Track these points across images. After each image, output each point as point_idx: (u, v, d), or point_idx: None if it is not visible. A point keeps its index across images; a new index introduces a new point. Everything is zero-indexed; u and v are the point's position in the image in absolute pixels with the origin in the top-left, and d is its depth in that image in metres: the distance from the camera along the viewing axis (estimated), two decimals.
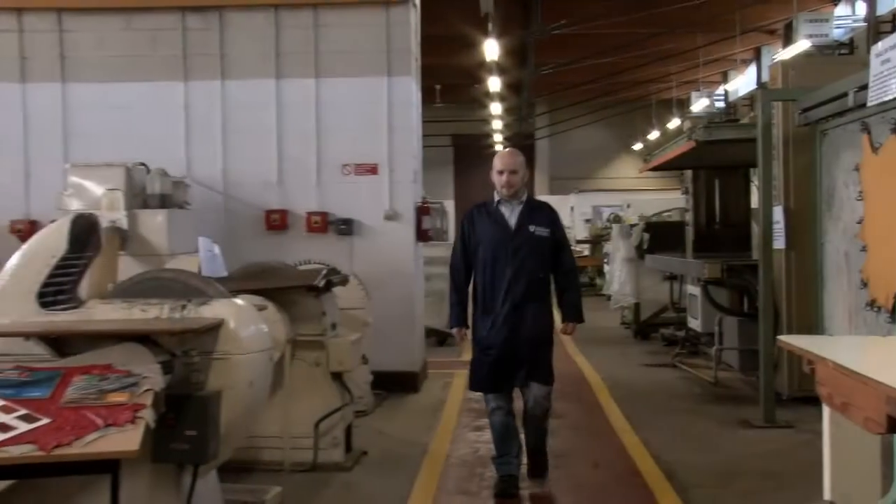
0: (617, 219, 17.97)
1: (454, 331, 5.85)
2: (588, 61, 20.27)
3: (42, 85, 8.93)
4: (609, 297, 14.24)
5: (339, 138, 8.91)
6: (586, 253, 21.71)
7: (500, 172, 5.68)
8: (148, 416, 3.56)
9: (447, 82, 23.08)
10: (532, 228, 5.63)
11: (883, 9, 16.82)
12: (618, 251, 13.43)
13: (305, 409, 6.12)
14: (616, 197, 23.72)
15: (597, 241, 21.27)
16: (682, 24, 18.38)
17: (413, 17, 9.19)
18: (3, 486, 3.99)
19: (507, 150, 6.05)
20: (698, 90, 25.30)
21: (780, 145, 7.76)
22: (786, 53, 15.86)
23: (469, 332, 5.79)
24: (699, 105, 24.54)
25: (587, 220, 24.51)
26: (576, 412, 8.04)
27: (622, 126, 30.41)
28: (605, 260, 16.04)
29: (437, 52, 13.99)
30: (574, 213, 27.11)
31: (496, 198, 5.77)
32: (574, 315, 5.84)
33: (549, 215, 5.82)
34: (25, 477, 3.78)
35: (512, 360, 5.55)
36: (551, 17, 17.09)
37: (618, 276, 13.22)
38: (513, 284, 5.53)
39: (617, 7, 16.71)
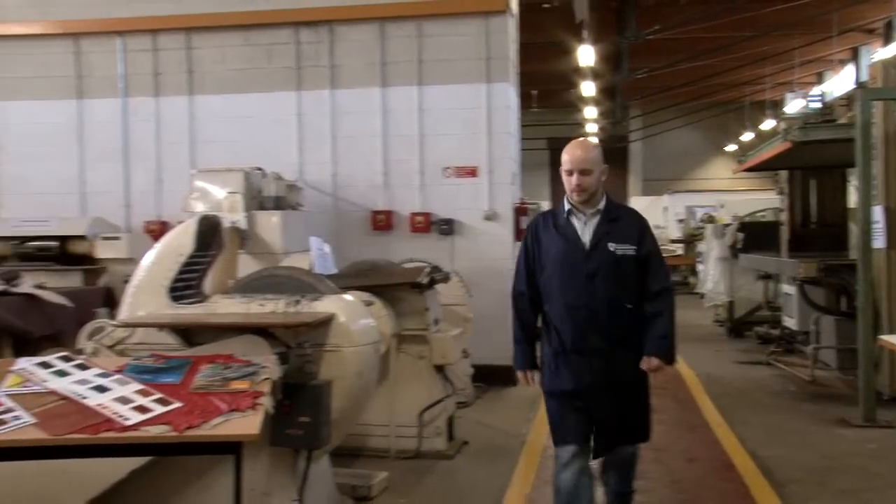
0: (710, 219, 17.53)
1: (519, 374, 4.35)
2: (682, 65, 19.86)
3: (172, 98, 9.30)
4: (702, 296, 13.94)
5: (441, 142, 8.98)
6: (679, 252, 21.27)
7: (569, 172, 4.14)
8: (266, 402, 3.66)
9: (543, 87, 22.93)
10: (612, 246, 4.12)
11: None
12: (711, 250, 13.12)
13: (410, 400, 6.18)
14: (709, 197, 23.16)
15: (690, 240, 20.80)
16: (777, 26, 17.81)
17: (511, 26, 9.18)
18: (142, 463, 4.18)
19: (579, 140, 4.34)
20: (793, 91, 24.47)
21: (880, 145, 7.43)
22: (886, 52, 15.19)
23: (536, 376, 4.31)
24: (794, 106, 23.74)
25: (680, 221, 23.99)
26: (671, 408, 7.89)
27: (715, 128, 29.68)
28: (699, 259, 15.70)
29: (533, 59, 13.93)
30: (667, 213, 26.61)
31: (566, 205, 4.24)
32: (660, 348, 4.11)
33: (635, 225, 4.24)
34: (161, 454, 3.94)
35: (590, 414, 4.13)
36: (645, 23, 16.83)
37: (712, 274, 12.94)
38: (589, 320, 4.09)
39: (712, 11, 16.31)
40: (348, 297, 4.85)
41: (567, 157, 4.15)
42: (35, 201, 9.32)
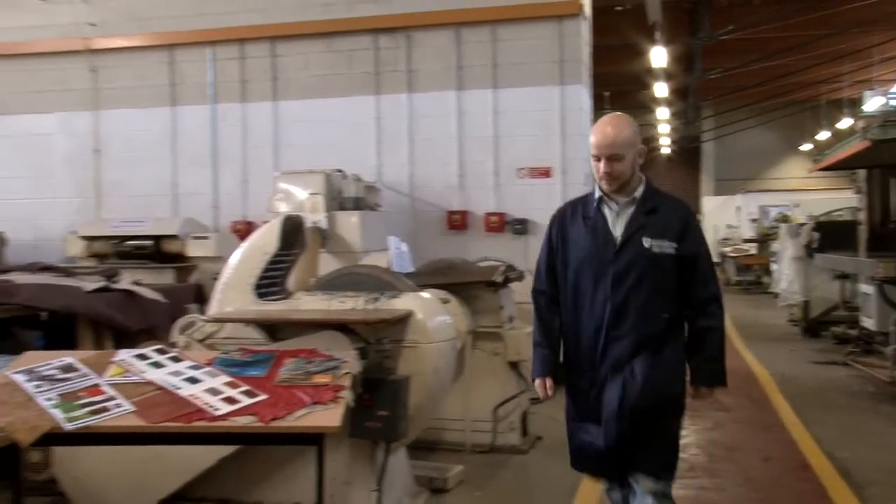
0: (785, 218, 17.07)
1: (536, 383, 3.65)
2: (756, 64, 19.34)
3: (258, 104, 9.50)
4: (776, 295, 13.58)
5: (515, 144, 8.96)
6: (753, 251, 20.76)
7: (597, 158, 3.42)
8: (347, 396, 3.70)
9: (616, 89, 22.65)
10: (648, 242, 3.35)
11: None
12: (786, 250, 12.77)
13: (485, 395, 6.17)
14: (783, 197, 22.57)
15: (764, 240, 20.29)
16: (855, 24, 17.19)
17: (584, 28, 9.10)
18: (230, 451, 4.29)
19: (609, 117, 3.53)
20: (872, 89, 23.58)
21: None
22: None
23: (552, 387, 3.61)
24: (873, 104, 22.86)
25: (753, 220, 23.42)
26: (744, 407, 7.70)
27: (790, 127, 28.83)
28: (773, 259, 15.29)
29: (606, 61, 13.77)
30: (740, 212, 26.01)
31: (597, 192, 3.52)
32: (710, 374, 3.44)
33: (677, 217, 3.44)
34: (248, 443, 4.04)
35: (619, 442, 3.40)
36: (718, 23, 16.46)
37: (786, 274, 12.58)
38: (615, 330, 3.36)
39: (786, 10, 15.86)
40: (425, 294, 4.87)
41: (594, 138, 3.43)
42: (132, 203, 9.65)
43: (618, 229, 3.43)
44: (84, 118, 9.96)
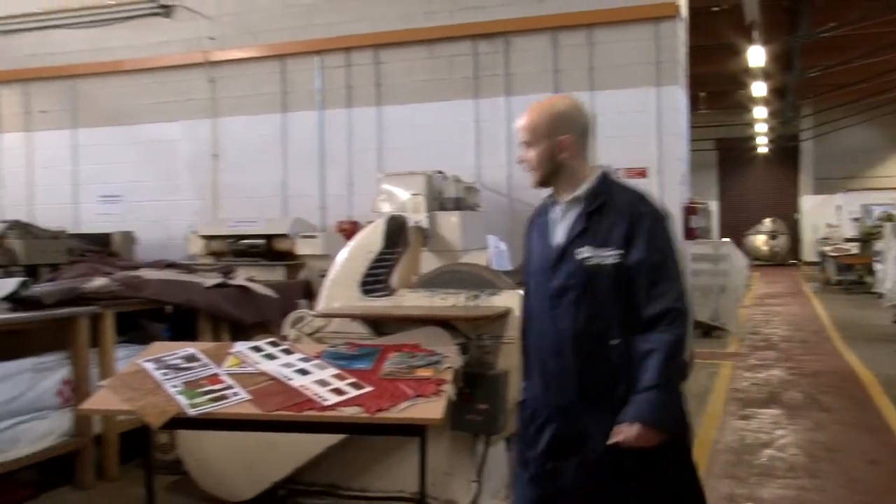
0: (889, 217, 16.23)
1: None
2: (857, 62, 18.46)
3: (362, 109, 9.65)
4: (880, 296, 12.92)
5: (611, 145, 8.74)
6: (855, 251, 19.84)
7: (520, 143, 2.83)
8: (449, 390, 3.70)
9: (712, 89, 22.02)
10: (583, 253, 2.64)
11: None
12: (891, 249, 12.14)
13: None
14: (887, 195, 21.47)
15: (866, 239, 19.34)
16: None
17: (681, 30, 8.88)
18: (337, 440, 4.37)
19: (544, 99, 2.84)
20: None
21: None
22: None
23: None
24: None
25: (855, 219, 22.37)
26: (846, 408, 7.35)
27: (893, 124, 27.43)
28: (876, 258, 14.56)
29: (702, 61, 13.40)
30: (841, 211, 24.90)
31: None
32: (642, 408, 2.51)
33: (625, 216, 2.64)
34: (354, 433, 4.10)
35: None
36: (818, 21, 15.78)
37: (891, 273, 11.95)
38: (554, 361, 2.69)
39: (890, 4, 15.06)
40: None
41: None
42: (246, 204, 9.95)
43: (558, 236, 2.74)
44: (204, 125, 10.34)
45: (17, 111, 11.27)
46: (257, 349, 4.13)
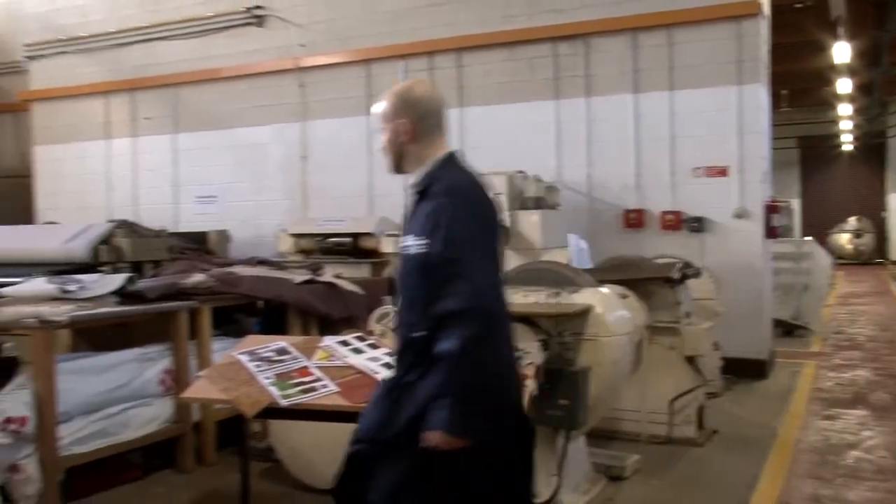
0: None
1: None
2: None
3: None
4: None
5: (691, 144, 8.60)
6: None
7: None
8: (531, 385, 3.69)
9: (794, 86, 21.25)
10: (406, 241, 2.64)
11: None
12: None
13: (661, 388, 5.98)
14: None
15: None
16: None
17: (763, 28, 8.59)
18: None
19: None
20: None
21: None
22: None
23: None
24: None
25: None
26: None
27: None
28: None
29: (784, 58, 12.94)
30: None
31: None
32: (435, 416, 2.43)
33: (436, 205, 2.53)
34: None
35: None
36: None
37: None
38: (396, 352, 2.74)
39: None
40: (605, 290, 4.79)
41: None
42: (333, 204, 10.10)
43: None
44: (293, 128, 10.53)
45: (124, 118, 11.72)
46: (345, 343, 4.19)
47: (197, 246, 9.72)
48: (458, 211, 2.49)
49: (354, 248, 9.11)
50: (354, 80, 10.16)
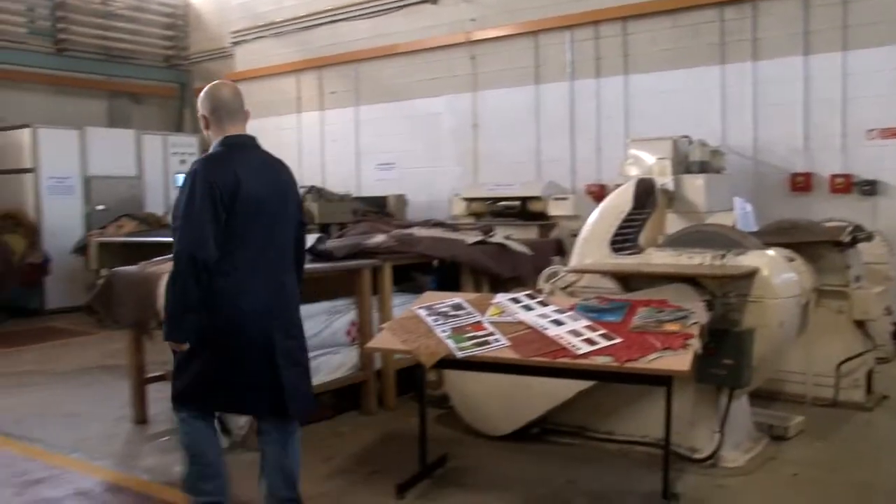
0: None
1: None
2: None
3: (610, 79, 9.38)
4: None
5: (865, 105, 7.90)
6: None
7: None
8: (695, 344, 3.60)
9: None
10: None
11: None
12: None
13: (828, 351, 5.61)
14: None
15: None
16: None
17: None
18: (586, 386, 4.40)
19: None
20: None
21: None
22: None
23: None
24: None
25: None
26: None
27: None
28: None
29: None
30: None
31: None
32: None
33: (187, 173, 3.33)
34: (604, 380, 4.11)
35: None
36: None
37: None
38: None
39: None
40: (771, 252, 4.56)
41: None
42: (503, 169, 10.15)
43: None
44: (465, 99, 10.64)
45: (312, 94, 12.31)
46: (516, 301, 4.25)
47: (377, 209, 10.12)
48: (187, 177, 3.20)
49: (523, 210, 9.14)
50: (522, 51, 10.09)
